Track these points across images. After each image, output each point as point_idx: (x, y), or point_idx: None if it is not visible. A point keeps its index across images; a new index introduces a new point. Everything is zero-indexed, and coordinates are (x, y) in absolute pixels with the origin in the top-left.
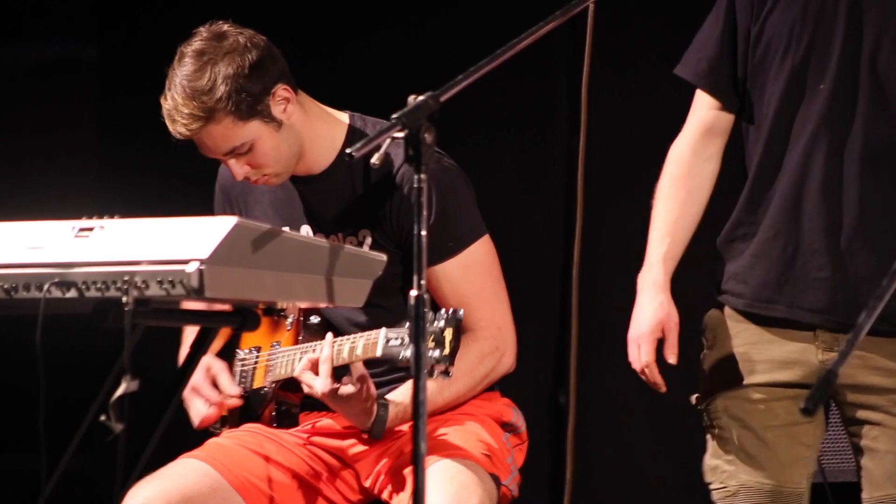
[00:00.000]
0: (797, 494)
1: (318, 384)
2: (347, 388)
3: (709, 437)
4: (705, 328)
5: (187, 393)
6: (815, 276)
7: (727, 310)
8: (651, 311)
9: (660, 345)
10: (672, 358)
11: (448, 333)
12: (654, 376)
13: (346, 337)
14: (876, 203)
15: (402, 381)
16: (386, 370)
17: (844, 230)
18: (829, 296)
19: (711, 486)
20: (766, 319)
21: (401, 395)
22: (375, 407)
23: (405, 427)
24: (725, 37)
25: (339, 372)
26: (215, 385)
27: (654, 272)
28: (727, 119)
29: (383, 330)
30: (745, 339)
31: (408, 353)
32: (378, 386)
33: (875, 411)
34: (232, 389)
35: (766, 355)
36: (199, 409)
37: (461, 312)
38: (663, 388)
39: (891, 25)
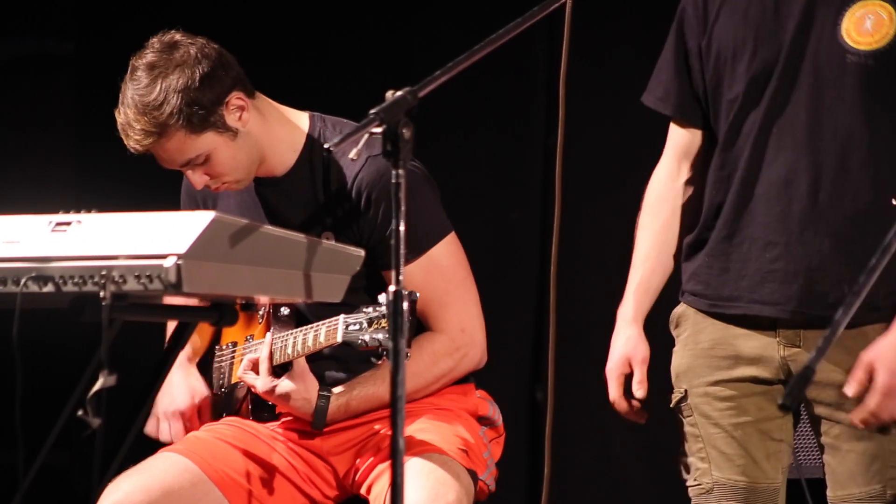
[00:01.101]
0: (772, 490)
1: (259, 383)
2: (286, 385)
3: (683, 434)
4: (672, 324)
5: (170, 413)
6: (770, 269)
7: (691, 307)
8: (618, 346)
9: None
10: (639, 392)
11: None
12: (627, 412)
13: (308, 326)
14: (826, 190)
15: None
16: (356, 362)
17: (795, 221)
18: (784, 287)
19: (687, 484)
20: (729, 317)
21: (344, 387)
22: (315, 399)
23: (383, 423)
24: (678, 58)
25: (279, 368)
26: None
27: (624, 305)
28: (698, 137)
29: (342, 316)
30: (710, 335)
31: (366, 336)
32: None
33: (836, 409)
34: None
35: (731, 351)
36: (177, 431)
37: (416, 294)
38: (641, 421)
39: (829, 10)
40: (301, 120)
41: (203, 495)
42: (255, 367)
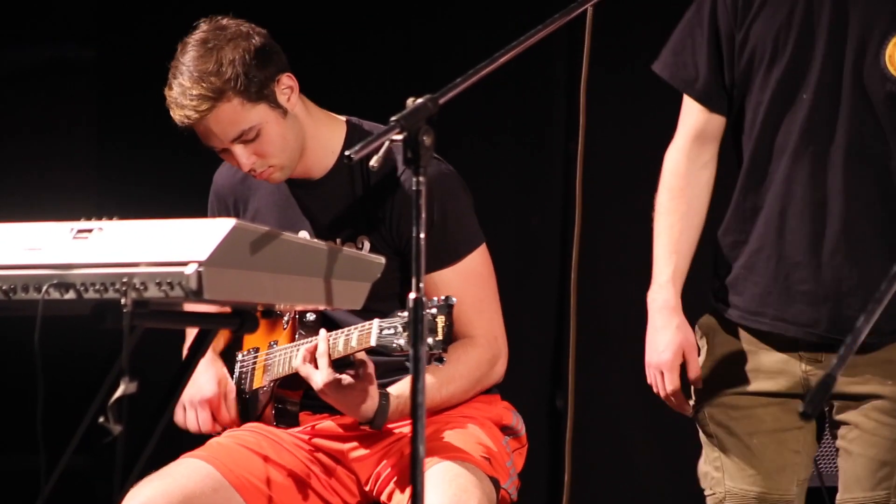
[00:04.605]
0: (785, 502)
1: (319, 376)
2: (349, 381)
3: (702, 443)
4: (697, 333)
5: (196, 402)
6: (798, 290)
7: (718, 317)
8: (669, 336)
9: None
10: (698, 381)
11: (440, 320)
12: (681, 404)
13: (340, 330)
14: (859, 215)
15: (398, 378)
16: (384, 371)
17: (827, 243)
18: (811, 309)
19: (705, 493)
20: (754, 330)
21: (400, 388)
22: (378, 397)
23: (406, 429)
24: (710, 42)
25: (336, 365)
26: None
27: (664, 294)
28: (719, 122)
29: (376, 321)
30: (734, 346)
31: (401, 341)
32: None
33: (853, 413)
34: (230, 415)
35: (753, 364)
36: (205, 420)
37: (453, 299)
38: (690, 412)
39: (874, 34)
40: (339, 123)
41: (224, 501)
42: (313, 361)
